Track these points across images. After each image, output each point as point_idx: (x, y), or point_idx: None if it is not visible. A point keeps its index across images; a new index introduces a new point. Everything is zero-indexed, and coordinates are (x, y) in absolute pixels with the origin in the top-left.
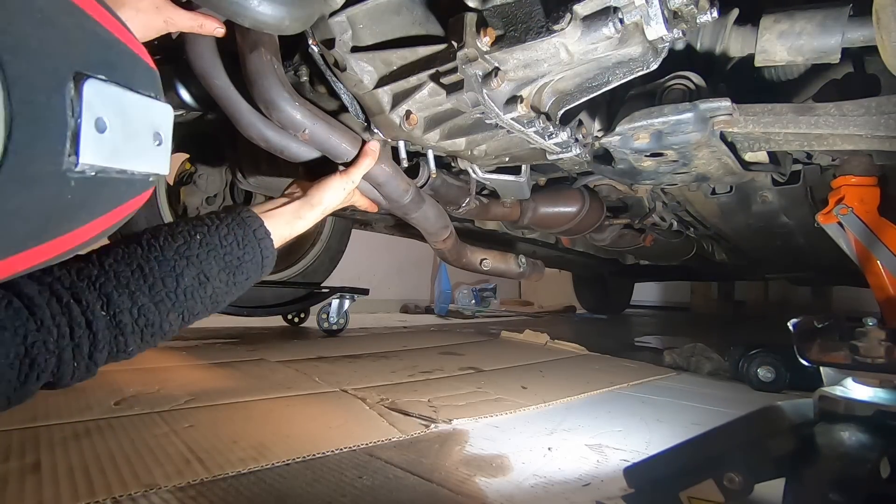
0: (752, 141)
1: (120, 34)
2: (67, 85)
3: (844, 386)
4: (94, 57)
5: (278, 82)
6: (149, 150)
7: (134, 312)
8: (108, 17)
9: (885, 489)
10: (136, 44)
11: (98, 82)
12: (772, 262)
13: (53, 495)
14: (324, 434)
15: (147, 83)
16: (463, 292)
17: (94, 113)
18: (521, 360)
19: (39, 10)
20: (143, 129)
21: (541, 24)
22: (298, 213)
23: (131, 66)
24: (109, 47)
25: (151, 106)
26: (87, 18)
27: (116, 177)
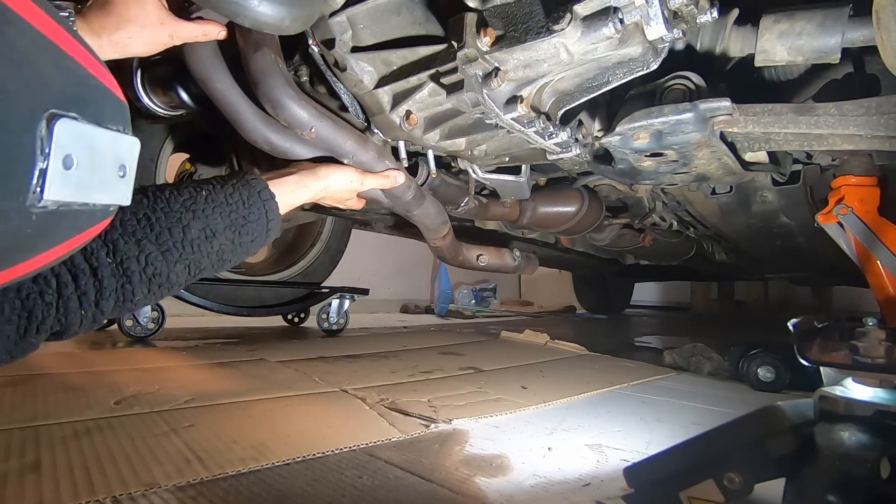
0: (752, 141)
1: (92, 68)
2: (40, 125)
3: (844, 386)
4: (68, 94)
5: (284, 81)
6: (112, 183)
7: (141, 260)
8: (81, 52)
9: (885, 489)
10: (107, 76)
11: (69, 121)
12: (772, 262)
13: (53, 494)
14: (324, 434)
15: (116, 117)
16: (463, 292)
17: (62, 151)
18: (521, 361)
19: (17, 51)
20: (108, 162)
21: (541, 24)
22: (303, 181)
23: (102, 100)
24: (82, 83)
25: (119, 140)
26: (63, 55)
27: (77, 209)
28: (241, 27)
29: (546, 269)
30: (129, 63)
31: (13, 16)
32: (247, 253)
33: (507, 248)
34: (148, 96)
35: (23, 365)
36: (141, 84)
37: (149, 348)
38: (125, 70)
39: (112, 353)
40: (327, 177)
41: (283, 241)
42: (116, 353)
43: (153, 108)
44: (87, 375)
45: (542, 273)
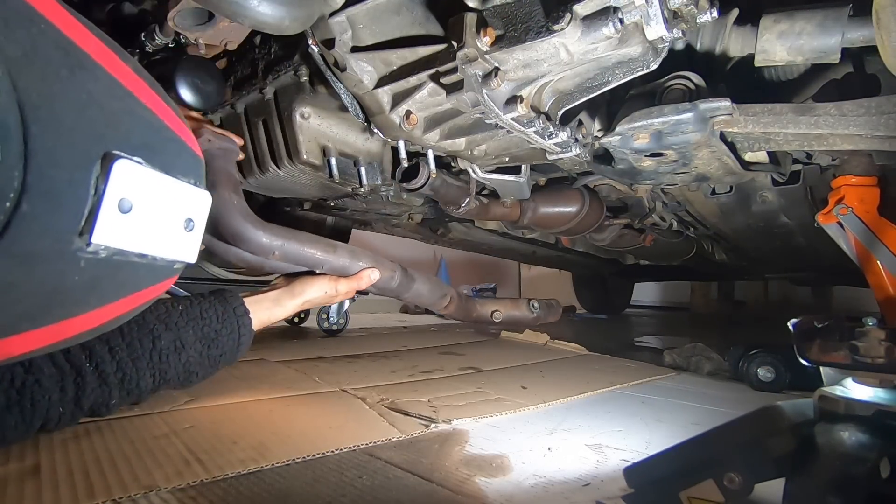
0: (752, 141)
1: (168, 120)
2: (95, 163)
3: (844, 386)
4: (136, 140)
5: (240, 216)
6: (176, 236)
7: (113, 365)
8: (159, 104)
9: (885, 489)
10: (184, 131)
11: (130, 163)
12: (772, 262)
13: (53, 498)
14: (324, 434)
15: (188, 169)
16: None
17: (118, 193)
18: (520, 361)
19: (86, 92)
20: (173, 213)
21: (541, 24)
22: (279, 300)
23: (173, 151)
24: (154, 132)
25: (187, 191)
26: (137, 103)
27: (135, 261)
28: None
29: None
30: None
31: (89, 61)
32: (215, 367)
33: (524, 300)
34: None
35: None
36: None
37: None
38: None
39: None
40: (302, 293)
41: None
42: None
43: None
44: None
45: (542, 273)
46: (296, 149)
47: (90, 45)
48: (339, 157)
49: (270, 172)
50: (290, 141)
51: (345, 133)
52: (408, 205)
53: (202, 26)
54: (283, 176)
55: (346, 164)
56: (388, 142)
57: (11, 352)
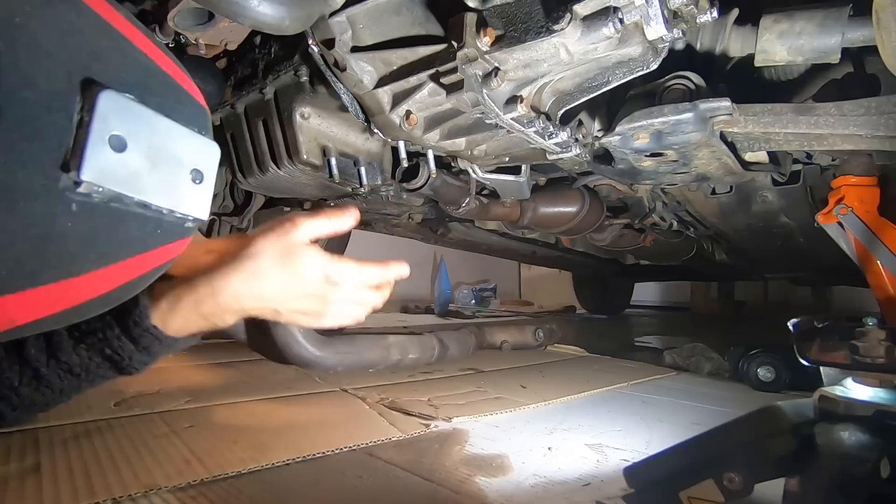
0: (752, 141)
1: (167, 67)
2: (76, 90)
3: (844, 386)
4: (127, 77)
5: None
6: (183, 187)
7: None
8: (157, 52)
9: (885, 489)
10: (187, 81)
11: (120, 97)
12: (772, 262)
13: (54, 496)
14: (324, 434)
15: (192, 117)
16: (463, 292)
17: (108, 127)
18: (520, 361)
19: (66, 22)
20: (177, 161)
21: (541, 24)
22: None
23: (173, 96)
24: (149, 73)
25: (192, 139)
26: (128, 44)
27: (138, 211)
28: None
29: (546, 269)
30: None
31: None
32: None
33: (531, 327)
34: None
35: None
36: None
37: None
38: None
39: None
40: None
41: None
42: None
43: None
44: None
45: (542, 273)
46: (296, 149)
47: None
48: (339, 157)
49: (270, 172)
50: (291, 141)
51: (345, 133)
52: (408, 205)
53: (202, 26)
54: (283, 176)
55: (346, 164)
56: (388, 142)
57: (14, 317)
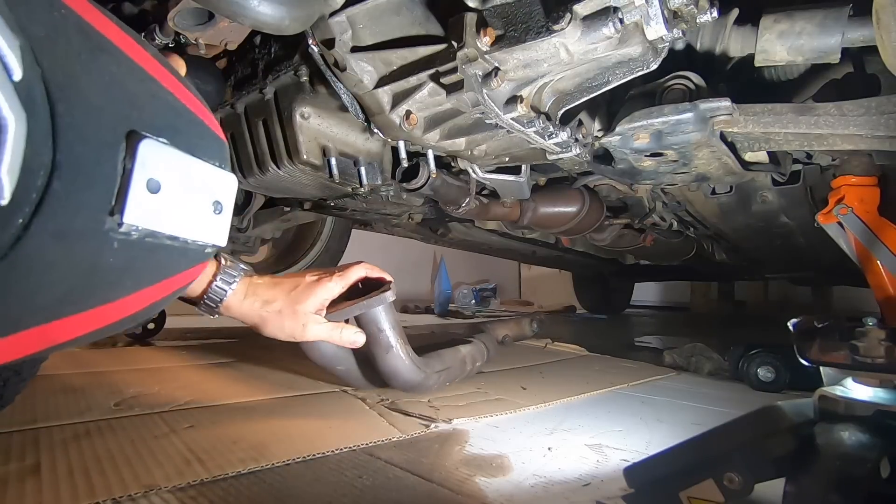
0: (752, 141)
1: (191, 104)
2: (121, 141)
3: (844, 386)
4: (160, 121)
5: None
6: (206, 218)
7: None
8: (179, 88)
9: (885, 489)
10: (208, 116)
11: (156, 143)
12: (772, 262)
13: (53, 497)
14: (324, 434)
15: (213, 152)
16: (463, 292)
17: (146, 173)
18: (520, 362)
19: (108, 74)
20: (201, 195)
21: (541, 24)
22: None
23: (198, 134)
24: (178, 114)
25: (214, 174)
26: (158, 86)
27: (167, 244)
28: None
29: (546, 269)
30: None
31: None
32: None
33: (527, 320)
34: None
35: None
36: None
37: (149, 348)
38: None
39: (112, 354)
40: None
41: (284, 241)
42: (116, 354)
43: None
44: (87, 377)
45: (542, 273)
46: (296, 149)
47: (110, 31)
48: (339, 157)
49: (270, 172)
50: (290, 141)
51: (345, 133)
52: (408, 205)
53: (202, 26)
54: (283, 176)
55: (346, 164)
56: (388, 142)
57: (57, 338)
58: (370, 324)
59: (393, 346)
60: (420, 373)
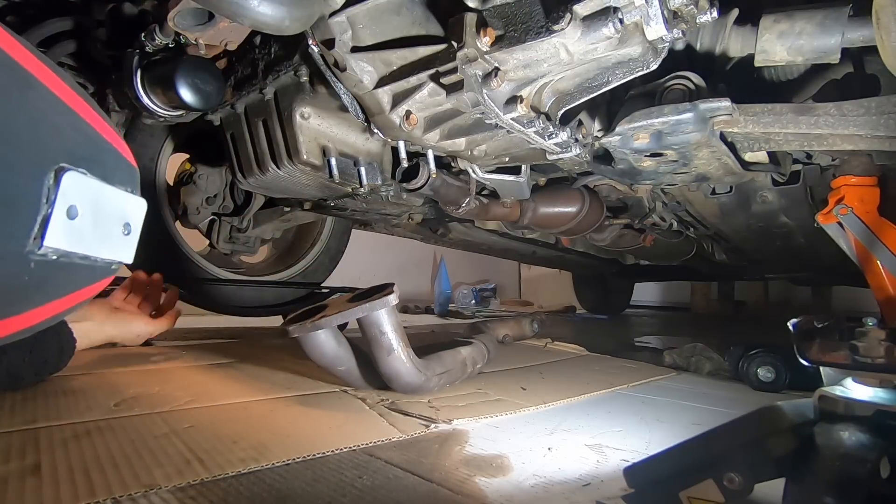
0: (752, 141)
1: (106, 134)
2: (48, 175)
3: (844, 386)
4: (80, 153)
5: (416, 371)
6: (115, 239)
7: None
8: (95, 117)
9: (885, 489)
10: (120, 143)
11: (77, 174)
12: (772, 263)
13: (53, 496)
14: (324, 434)
15: (125, 179)
16: (463, 292)
17: (67, 201)
18: (520, 362)
19: (36, 110)
20: (113, 218)
21: (541, 24)
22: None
23: (112, 162)
24: (95, 145)
25: (126, 199)
26: (77, 119)
27: (78, 262)
28: None
29: (546, 269)
30: (129, 62)
31: (36, 82)
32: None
33: (527, 320)
34: (148, 96)
35: None
36: (141, 84)
37: (149, 348)
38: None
39: (112, 354)
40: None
41: (283, 241)
42: (116, 354)
43: (153, 108)
44: (87, 377)
45: (542, 273)
46: (296, 149)
47: (33, 66)
48: (339, 157)
49: (270, 172)
50: (290, 141)
51: (345, 133)
52: (408, 205)
53: (202, 26)
54: (283, 176)
55: (346, 164)
56: (388, 142)
57: None
58: (372, 326)
59: (394, 349)
60: (421, 375)
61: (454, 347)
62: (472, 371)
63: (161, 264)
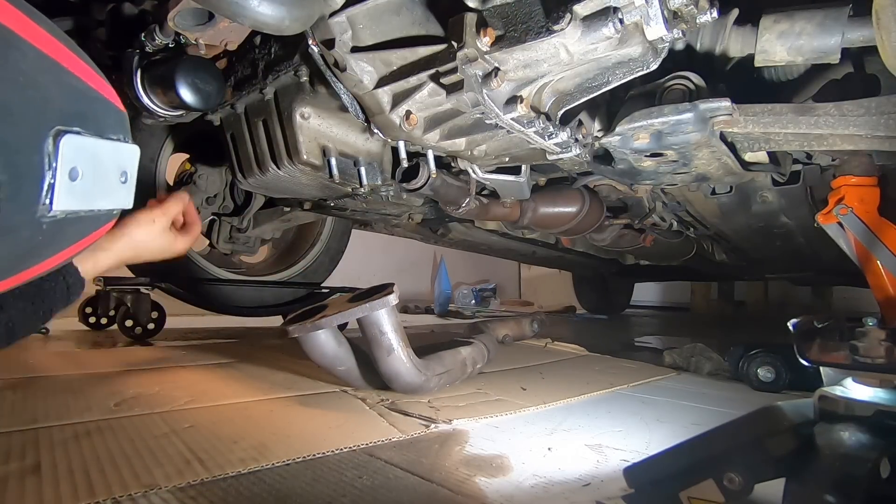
0: (752, 141)
1: (93, 81)
2: (46, 142)
3: (844, 386)
4: (71, 110)
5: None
6: (115, 189)
7: None
8: (82, 67)
9: (885, 489)
10: (106, 88)
11: (74, 136)
12: (772, 262)
13: (53, 496)
14: (324, 434)
15: (116, 127)
16: (463, 292)
17: (68, 165)
18: (520, 362)
19: (21, 73)
20: (111, 171)
21: (541, 25)
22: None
23: (103, 113)
24: (84, 98)
25: (119, 149)
26: (65, 73)
27: (84, 215)
28: None
29: (546, 269)
30: (129, 62)
31: (16, 39)
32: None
33: (527, 320)
34: (148, 96)
35: (23, 367)
36: (141, 84)
37: (149, 348)
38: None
39: (112, 354)
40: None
41: (283, 241)
42: (116, 354)
43: (153, 108)
44: (87, 377)
45: (542, 273)
46: (296, 149)
47: (12, 19)
48: (339, 157)
49: (270, 172)
50: (290, 141)
51: (345, 133)
52: (408, 205)
53: (202, 26)
54: (283, 176)
55: (346, 165)
56: (388, 142)
57: None
58: (372, 326)
59: (394, 349)
60: (421, 375)
61: (454, 347)
62: (472, 371)
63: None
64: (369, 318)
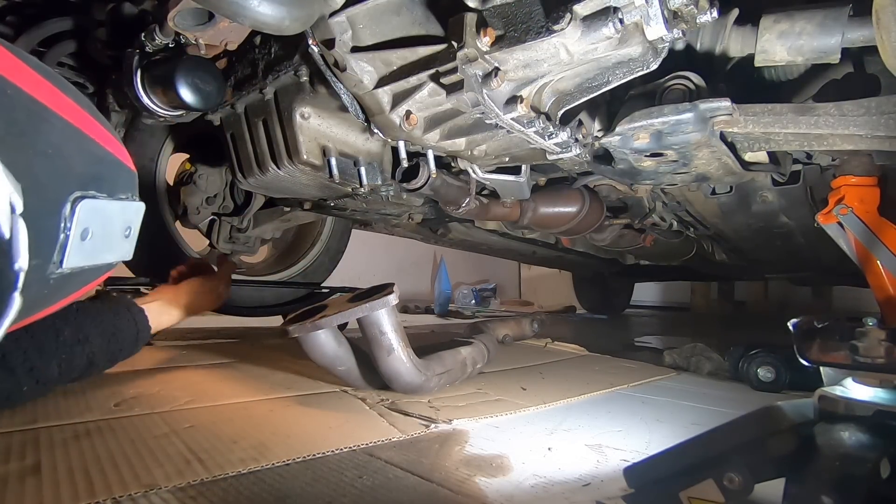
0: (752, 141)
1: (108, 144)
2: (65, 207)
3: (844, 386)
4: (89, 175)
5: (416, 371)
6: (119, 243)
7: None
8: (100, 131)
9: (885, 489)
10: (120, 150)
11: (89, 201)
12: (772, 262)
13: (54, 496)
14: (324, 434)
15: (126, 186)
16: (463, 292)
17: (81, 226)
18: (520, 362)
19: (50, 146)
20: (117, 228)
21: (541, 24)
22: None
23: (116, 174)
24: (101, 162)
25: (127, 207)
26: (86, 139)
27: (87, 268)
28: None
29: (546, 269)
30: (129, 62)
31: (48, 113)
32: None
33: (528, 320)
34: (148, 96)
35: None
36: (141, 84)
37: (149, 348)
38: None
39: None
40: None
41: (283, 241)
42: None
43: (153, 108)
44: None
45: (542, 273)
46: (296, 149)
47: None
48: (339, 157)
49: (270, 172)
50: (290, 141)
51: (345, 133)
52: (408, 205)
53: (202, 26)
54: (283, 176)
55: (346, 164)
56: (388, 142)
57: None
58: (372, 326)
59: (394, 349)
60: (421, 375)
61: (454, 347)
62: (472, 371)
63: (161, 264)
64: (369, 318)
